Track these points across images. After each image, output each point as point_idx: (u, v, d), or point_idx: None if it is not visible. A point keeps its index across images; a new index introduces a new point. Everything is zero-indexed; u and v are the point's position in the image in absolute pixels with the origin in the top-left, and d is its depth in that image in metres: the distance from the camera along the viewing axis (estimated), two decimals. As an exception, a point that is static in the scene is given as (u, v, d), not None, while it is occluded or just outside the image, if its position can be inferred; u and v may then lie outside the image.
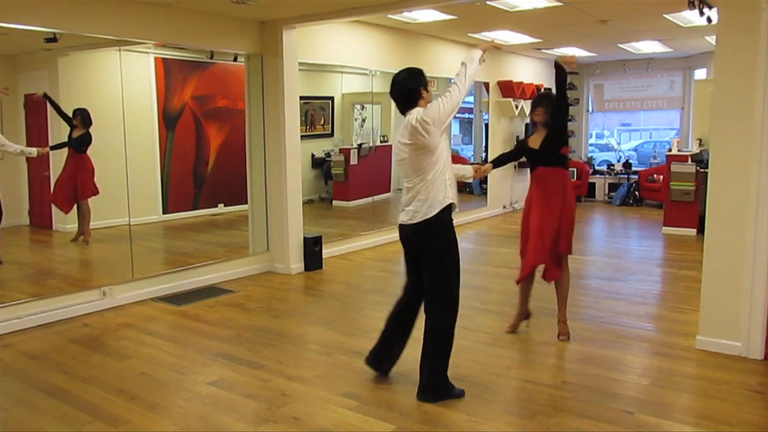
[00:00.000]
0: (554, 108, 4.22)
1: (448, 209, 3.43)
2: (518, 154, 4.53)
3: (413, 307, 3.66)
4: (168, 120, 7.26)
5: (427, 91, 3.49)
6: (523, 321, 4.65)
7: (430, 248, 3.45)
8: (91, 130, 6.02)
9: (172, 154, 7.30)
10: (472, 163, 4.89)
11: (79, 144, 6.04)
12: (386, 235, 8.17)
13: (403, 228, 3.54)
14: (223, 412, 3.37)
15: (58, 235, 6.43)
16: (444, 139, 3.42)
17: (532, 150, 4.31)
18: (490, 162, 4.44)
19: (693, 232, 8.31)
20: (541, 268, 4.39)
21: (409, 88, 3.45)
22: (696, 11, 5.29)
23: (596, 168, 12.33)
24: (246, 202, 6.74)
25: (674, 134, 12.03)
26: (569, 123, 12.63)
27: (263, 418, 3.31)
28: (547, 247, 4.23)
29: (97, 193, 6.23)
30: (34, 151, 5.70)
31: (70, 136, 6.01)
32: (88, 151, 6.12)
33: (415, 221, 3.42)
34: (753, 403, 3.41)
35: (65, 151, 6.05)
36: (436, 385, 3.47)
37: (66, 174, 6.14)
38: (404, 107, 3.48)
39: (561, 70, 4.21)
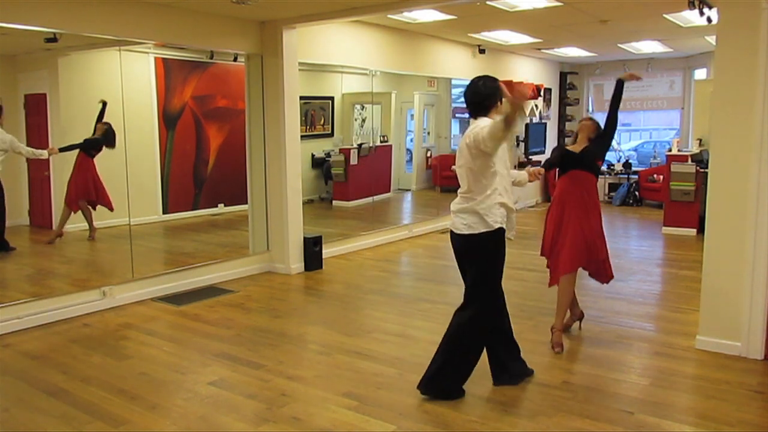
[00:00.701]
0: (600, 127, 4.45)
1: (498, 232, 3.37)
2: (560, 159, 4.58)
3: (500, 318, 3.61)
4: (168, 120, 7.27)
5: (502, 103, 3.41)
6: (575, 322, 4.62)
7: (472, 260, 3.45)
8: (108, 147, 6.07)
9: (172, 154, 7.30)
10: None
11: (89, 146, 6.05)
12: (386, 235, 8.18)
13: (452, 235, 3.50)
14: (223, 412, 3.37)
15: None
16: (497, 164, 3.33)
17: (573, 154, 4.42)
18: (541, 166, 4.47)
19: (693, 232, 8.31)
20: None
21: (486, 93, 3.38)
22: (696, 11, 5.30)
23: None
24: (246, 202, 6.73)
25: (674, 134, 12.03)
26: (568, 123, 12.57)
27: (263, 418, 3.31)
28: (593, 254, 4.28)
29: (95, 199, 6.26)
30: (45, 152, 5.70)
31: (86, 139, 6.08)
32: (95, 159, 6.19)
33: (462, 233, 3.40)
34: (753, 403, 3.41)
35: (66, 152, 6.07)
36: (440, 382, 3.45)
37: (76, 174, 6.21)
38: (476, 112, 3.42)
39: (621, 85, 4.38)
